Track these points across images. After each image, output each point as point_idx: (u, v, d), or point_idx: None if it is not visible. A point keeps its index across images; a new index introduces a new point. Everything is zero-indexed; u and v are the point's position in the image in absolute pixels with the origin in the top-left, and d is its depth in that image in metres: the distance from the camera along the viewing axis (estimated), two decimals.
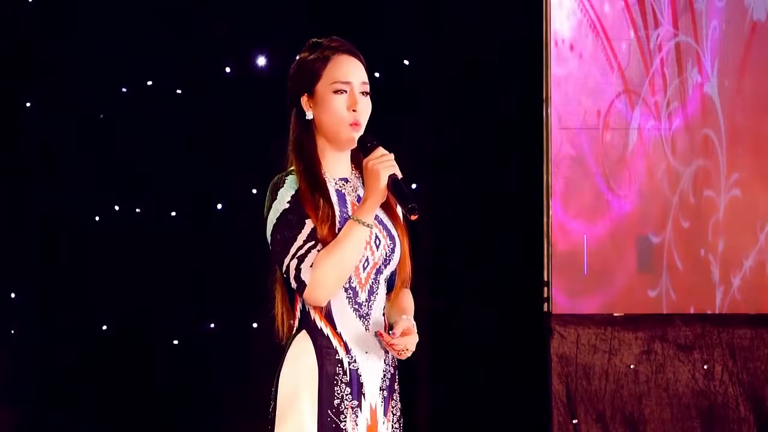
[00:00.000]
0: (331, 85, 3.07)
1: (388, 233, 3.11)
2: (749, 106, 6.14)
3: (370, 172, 2.98)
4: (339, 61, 3.09)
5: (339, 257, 2.96)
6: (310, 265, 2.96)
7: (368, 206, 2.99)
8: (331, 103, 3.07)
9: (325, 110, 3.07)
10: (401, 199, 2.97)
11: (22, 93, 5.66)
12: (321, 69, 3.08)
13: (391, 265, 3.12)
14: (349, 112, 3.07)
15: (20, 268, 5.65)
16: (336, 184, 3.10)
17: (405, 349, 3.03)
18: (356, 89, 3.09)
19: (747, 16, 6.15)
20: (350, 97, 3.08)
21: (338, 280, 2.99)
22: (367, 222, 2.98)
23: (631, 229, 6.03)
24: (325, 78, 3.07)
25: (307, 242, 2.98)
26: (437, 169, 5.81)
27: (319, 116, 3.09)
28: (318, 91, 3.08)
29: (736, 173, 6.14)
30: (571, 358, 5.92)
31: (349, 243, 2.97)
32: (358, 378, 3.04)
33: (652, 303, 6.02)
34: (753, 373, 6.08)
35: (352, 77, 3.09)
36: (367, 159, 3.00)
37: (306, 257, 2.97)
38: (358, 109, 3.07)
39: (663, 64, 6.06)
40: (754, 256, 6.12)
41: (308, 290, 2.97)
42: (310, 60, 3.09)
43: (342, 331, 3.04)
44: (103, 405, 5.63)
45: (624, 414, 5.95)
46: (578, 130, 5.97)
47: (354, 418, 3.03)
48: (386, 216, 3.13)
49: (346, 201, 3.09)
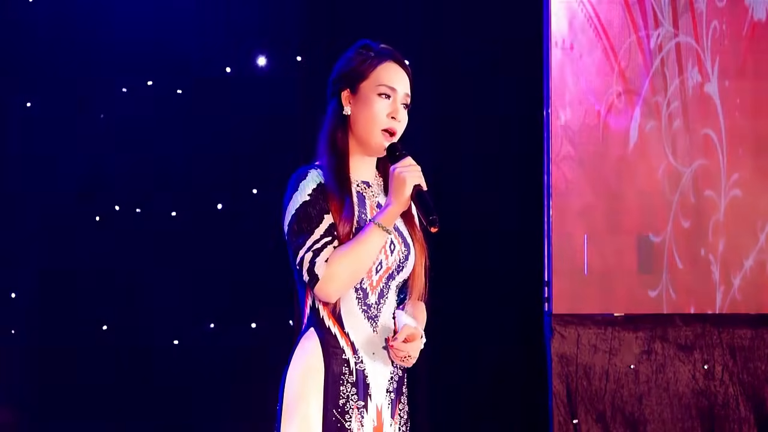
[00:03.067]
0: (377, 87, 3.08)
1: (404, 240, 3.12)
2: (749, 106, 6.14)
3: (396, 180, 2.99)
4: (389, 67, 3.10)
5: (354, 257, 2.97)
6: (325, 260, 2.96)
7: (391, 212, 2.99)
8: (373, 104, 3.07)
9: (364, 110, 3.08)
10: (424, 210, 2.98)
11: (22, 93, 5.66)
12: (369, 69, 3.09)
13: (403, 272, 3.12)
14: (388, 119, 3.08)
15: (20, 268, 5.66)
16: (358, 186, 3.11)
17: (408, 355, 3.02)
18: (399, 99, 3.10)
19: (747, 16, 6.15)
20: (393, 104, 3.09)
21: (351, 279, 2.99)
22: (387, 227, 2.99)
23: (632, 229, 6.02)
24: (372, 79, 3.08)
25: (324, 237, 2.98)
26: (437, 169, 5.81)
27: (357, 115, 3.09)
28: (362, 89, 3.09)
29: (736, 173, 6.14)
30: (572, 358, 5.92)
31: (367, 244, 2.98)
32: (364, 379, 3.04)
33: (653, 303, 6.02)
34: (753, 373, 6.08)
35: (398, 85, 3.10)
36: (395, 167, 3.00)
37: (322, 252, 2.97)
38: (398, 117, 3.09)
39: (663, 64, 6.06)
40: (755, 256, 6.12)
41: (320, 284, 2.97)
42: (359, 58, 3.10)
43: (350, 331, 3.04)
44: (103, 405, 5.63)
45: (624, 414, 5.95)
46: (578, 130, 5.97)
47: (360, 418, 3.02)
48: (404, 225, 3.14)
49: (365, 204, 3.10)
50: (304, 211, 3.00)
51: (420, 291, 3.18)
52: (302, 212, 3.00)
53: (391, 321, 3.10)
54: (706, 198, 6.10)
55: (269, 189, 5.56)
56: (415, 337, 3.03)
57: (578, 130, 5.97)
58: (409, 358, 3.03)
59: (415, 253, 3.14)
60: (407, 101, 3.12)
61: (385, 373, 3.08)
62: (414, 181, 2.98)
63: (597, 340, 5.96)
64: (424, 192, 3.00)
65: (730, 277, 6.10)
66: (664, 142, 6.06)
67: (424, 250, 3.17)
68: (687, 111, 6.09)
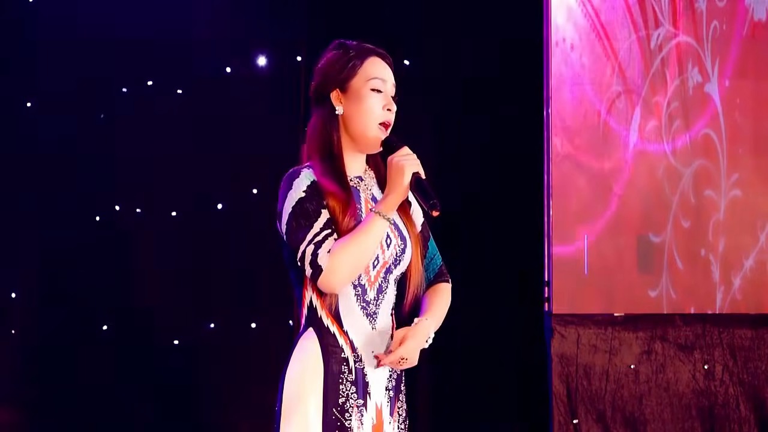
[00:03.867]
0: (369, 82, 3.09)
1: (400, 234, 3.12)
2: (749, 106, 6.14)
3: (395, 168, 3.00)
4: (375, 61, 3.12)
5: (357, 246, 2.97)
6: (327, 251, 2.96)
7: (390, 200, 3.00)
8: (367, 99, 3.08)
9: (359, 106, 3.09)
10: (423, 195, 2.99)
11: (22, 93, 5.67)
12: (357, 66, 3.09)
13: (401, 265, 3.12)
14: (383, 111, 3.09)
15: (20, 268, 5.66)
16: (352, 182, 3.13)
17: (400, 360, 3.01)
18: (389, 91, 3.12)
19: (747, 16, 6.15)
20: (386, 97, 3.10)
21: (354, 269, 2.99)
22: (387, 215, 2.99)
23: (632, 229, 6.02)
24: (361, 75, 3.09)
25: (324, 229, 2.98)
26: (437, 169, 5.81)
27: (351, 112, 3.10)
28: (352, 86, 3.09)
29: (736, 173, 6.14)
30: (572, 358, 5.92)
31: (369, 233, 2.98)
32: (363, 377, 3.04)
33: (653, 303, 6.02)
34: (753, 373, 6.08)
35: (387, 77, 3.12)
36: (392, 156, 3.02)
37: (323, 243, 2.97)
38: (391, 108, 3.11)
39: (663, 64, 6.06)
40: (755, 256, 6.12)
41: (324, 276, 2.96)
42: (344, 57, 3.11)
43: (349, 329, 3.04)
44: (103, 405, 5.63)
45: (624, 414, 5.95)
46: (578, 130, 5.97)
47: (359, 416, 3.03)
48: (399, 218, 3.14)
49: (360, 198, 3.11)
50: (301, 208, 3.00)
51: (418, 284, 3.17)
52: (299, 209, 3.00)
53: (389, 318, 3.10)
54: (706, 198, 6.10)
55: (269, 189, 5.56)
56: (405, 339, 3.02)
57: (578, 130, 5.97)
58: (405, 361, 3.02)
59: (412, 246, 3.14)
60: (394, 93, 3.13)
61: (384, 371, 3.08)
62: (412, 168, 2.99)
63: (597, 340, 5.96)
64: (423, 179, 3.01)
65: (730, 277, 6.10)
66: (664, 142, 6.06)
67: (420, 244, 3.17)
68: (687, 111, 6.09)
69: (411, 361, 3.03)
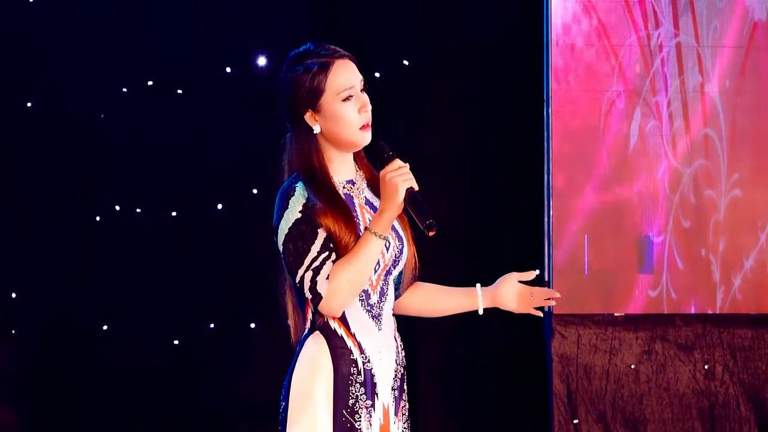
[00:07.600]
0: (339, 95, 3.06)
1: (397, 234, 3.13)
2: (750, 106, 6.13)
3: (387, 186, 2.98)
4: (337, 69, 3.07)
5: (355, 269, 2.97)
6: (326, 277, 2.97)
7: (385, 219, 2.99)
8: (341, 111, 3.05)
9: (336, 120, 3.06)
10: (419, 215, 2.97)
11: (22, 93, 5.66)
12: (322, 82, 3.05)
13: (399, 265, 3.14)
14: (360, 115, 3.07)
15: (20, 268, 5.65)
16: (344, 188, 3.11)
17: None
18: (358, 90, 3.09)
19: (747, 16, 6.15)
20: (358, 100, 3.08)
21: (354, 292, 3.00)
22: (383, 235, 2.99)
23: (632, 229, 6.02)
24: (329, 89, 3.05)
25: (321, 253, 2.98)
26: (437, 168, 5.81)
27: (329, 128, 3.07)
28: (324, 104, 3.06)
29: (736, 173, 6.14)
30: (572, 358, 5.92)
31: (365, 255, 2.98)
32: (371, 378, 3.05)
33: (653, 303, 6.01)
34: (754, 373, 6.07)
35: (353, 80, 3.09)
36: (385, 171, 3.00)
37: (321, 269, 2.97)
38: (367, 108, 3.09)
39: (663, 64, 6.06)
40: (755, 256, 6.12)
41: (324, 302, 2.98)
42: (306, 76, 3.06)
43: (356, 332, 3.05)
44: (103, 405, 5.63)
45: (625, 414, 5.95)
46: (578, 130, 5.97)
47: (368, 417, 3.03)
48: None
49: (354, 204, 3.10)
50: (297, 230, 2.99)
51: (412, 267, 3.20)
52: (296, 231, 2.99)
53: (391, 318, 3.12)
54: (706, 198, 6.10)
55: (269, 189, 5.55)
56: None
57: (578, 130, 5.96)
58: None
59: (408, 244, 3.16)
60: (362, 85, 3.11)
61: (390, 371, 3.09)
62: (406, 185, 2.98)
63: (597, 340, 5.95)
64: (417, 194, 2.98)
65: (730, 277, 6.10)
66: (664, 142, 6.06)
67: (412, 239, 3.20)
68: (687, 111, 6.08)
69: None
